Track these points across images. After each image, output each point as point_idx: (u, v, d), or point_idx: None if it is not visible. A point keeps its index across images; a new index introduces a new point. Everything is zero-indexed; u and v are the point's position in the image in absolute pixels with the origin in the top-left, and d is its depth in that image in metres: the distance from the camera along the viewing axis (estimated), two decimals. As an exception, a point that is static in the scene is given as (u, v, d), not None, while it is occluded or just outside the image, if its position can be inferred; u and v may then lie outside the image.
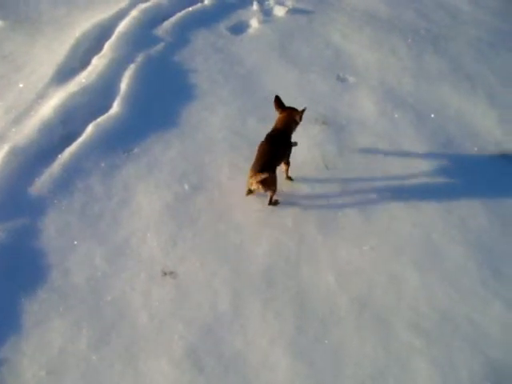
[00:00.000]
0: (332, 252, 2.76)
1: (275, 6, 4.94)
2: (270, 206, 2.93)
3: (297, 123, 2.87)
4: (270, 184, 2.73)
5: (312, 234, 2.83)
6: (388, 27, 4.69)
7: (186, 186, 3.04)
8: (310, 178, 3.12)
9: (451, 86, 3.94)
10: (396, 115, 3.61)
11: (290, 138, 2.88)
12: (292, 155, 3.06)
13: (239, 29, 4.59)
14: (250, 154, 3.18)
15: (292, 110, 2.87)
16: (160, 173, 3.09)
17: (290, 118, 2.85)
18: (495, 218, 2.96)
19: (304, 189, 3.06)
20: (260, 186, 2.70)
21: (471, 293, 2.59)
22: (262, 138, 3.02)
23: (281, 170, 2.93)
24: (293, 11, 4.84)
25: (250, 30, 4.59)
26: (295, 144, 2.96)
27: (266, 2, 5.04)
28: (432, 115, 3.63)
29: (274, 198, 2.86)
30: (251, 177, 2.68)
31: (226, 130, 3.42)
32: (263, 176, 2.62)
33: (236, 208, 2.93)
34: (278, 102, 2.89)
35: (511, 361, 2.34)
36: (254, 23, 4.65)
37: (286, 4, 4.99)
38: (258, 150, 2.74)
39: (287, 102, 3.15)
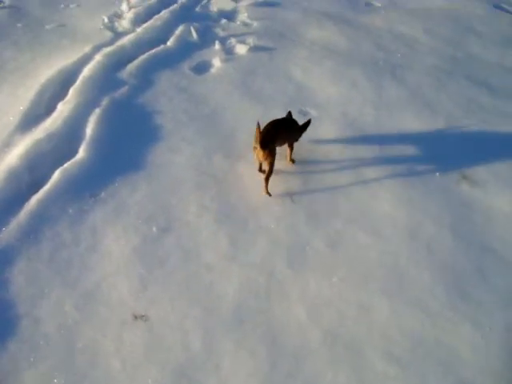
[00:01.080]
0: (302, 286, 2.93)
1: (237, 45, 5.30)
2: (240, 244, 3.11)
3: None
4: (270, 157, 3.18)
5: (281, 269, 3.01)
6: (348, 60, 5.08)
7: (154, 228, 3.21)
8: (276, 212, 3.33)
9: (411, 114, 4.28)
10: (359, 146, 3.88)
11: (298, 129, 3.45)
12: (257, 186, 3.37)
13: (202, 68, 4.89)
14: (216, 192, 3.40)
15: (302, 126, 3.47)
16: (127, 216, 3.25)
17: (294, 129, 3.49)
18: (460, 240, 3.21)
19: (271, 223, 3.26)
20: (262, 155, 3.14)
21: (440, 316, 2.78)
22: (229, 174, 3.44)
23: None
24: (254, 49, 5.21)
25: (213, 70, 4.90)
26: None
27: (228, 41, 5.40)
28: (394, 143, 3.92)
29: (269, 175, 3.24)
30: (255, 145, 3.15)
31: (192, 170, 3.64)
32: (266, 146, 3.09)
33: (205, 247, 3.11)
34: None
35: (481, 380, 2.52)
36: (217, 62, 4.97)
37: (248, 42, 5.35)
38: (268, 124, 3.24)
39: (250, 139, 3.50)
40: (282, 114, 3.97)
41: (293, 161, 3.57)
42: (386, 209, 3.40)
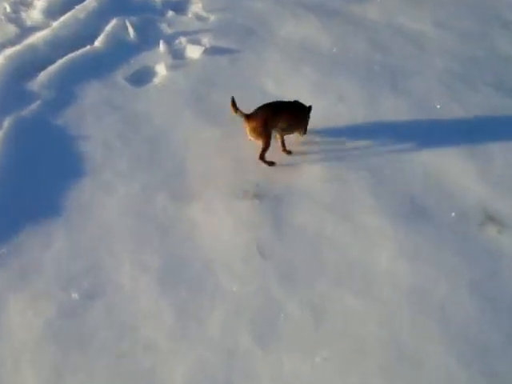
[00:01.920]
0: (273, 368, 3.03)
1: (188, 46, 5.55)
2: (190, 313, 3.23)
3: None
4: (258, 135, 3.95)
5: (246, 346, 3.13)
6: (333, 64, 5.38)
7: (75, 295, 3.30)
8: (240, 271, 3.47)
9: (416, 135, 4.53)
10: (348, 179, 4.11)
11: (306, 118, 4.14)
12: (215, 236, 3.57)
13: (142, 78, 5.12)
14: (160, 245, 3.56)
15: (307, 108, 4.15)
16: (38, 279, 3.34)
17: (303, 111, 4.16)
18: (485, 303, 3.18)
19: (233, 284, 3.40)
20: (251, 132, 3.95)
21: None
22: (177, 220, 3.69)
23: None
24: (211, 51, 5.47)
25: (157, 79, 5.13)
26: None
27: (176, 41, 5.65)
28: (393, 173, 4.15)
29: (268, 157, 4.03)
30: (244, 121, 3.93)
31: (128, 214, 3.79)
32: (254, 123, 3.88)
33: (144, 319, 3.21)
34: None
35: None
36: (162, 69, 5.20)
37: (203, 42, 5.61)
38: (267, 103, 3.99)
39: (206, 172, 3.91)
40: (247, 143, 4.18)
41: (289, 152, 4.23)
42: (383, 262, 3.50)
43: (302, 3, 6.47)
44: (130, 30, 5.62)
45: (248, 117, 3.94)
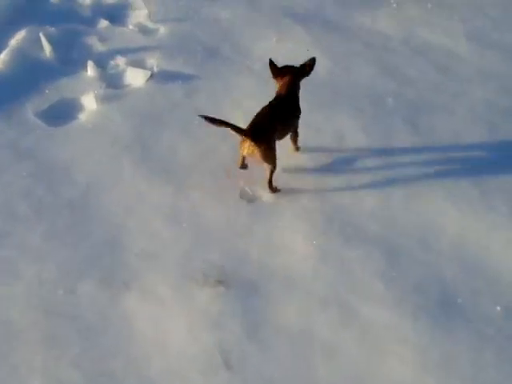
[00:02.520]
0: None
1: (128, 69, 5.74)
2: None
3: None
4: (266, 150, 4.35)
5: None
6: (329, 96, 5.64)
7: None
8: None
9: (443, 195, 4.70)
10: (349, 256, 4.23)
11: (298, 102, 4.64)
12: (161, 340, 3.63)
13: (62, 114, 5.27)
14: (80, 355, 3.59)
15: (293, 68, 4.65)
16: None
17: (295, 79, 4.66)
18: None
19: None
20: (255, 149, 4.29)
21: None
22: (107, 316, 3.71)
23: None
24: (160, 77, 5.70)
25: (83, 116, 5.28)
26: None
27: (112, 62, 5.84)
28: (412, 251, 4.28)
29: (275, 184, 4.54)
30: (245, 135, 4.23)
31: (38, 310, 3.82)
32: (260, 135, 4.26)
33: None
34: (274, 67, 4.66)
35: None
36: (90, 102, 5.34)
37: (148, 65, 5.84)
38: (258, 112, 4.40)
39: (151, 248, 3.99)
40: (210, 200, 4.40)
41: (298, 148, 4.91)
42: (400, 380, 3.67)
43: (288, 11, 6.83)
44: (46, 46, 5.76)
45: (253, 134, 4.29)
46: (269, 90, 4.99)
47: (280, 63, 4.71)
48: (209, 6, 6.85)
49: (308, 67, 4.68)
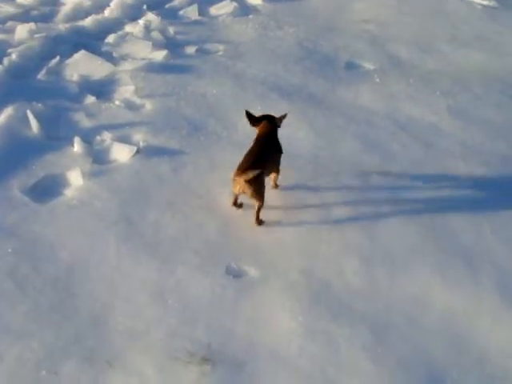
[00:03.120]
0: None
1: (114, 145, 5.82)
2: None
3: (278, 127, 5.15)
4: (257, 188, 4.79)
5: None
6: (313, 168, 5.72)
7: None
8: None
9: (431, 273, 4.74)
10: (338, 334, 4.23)
11: (278, 139, 5.14)
12: None
13: (48, 190, 5.29)
14: None
15: (269, 117, 5.16)
16: None
17: (271, 121, 5.16)
18: None
19: None
20: (247, 187, 4.72)
21: None
22: None
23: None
24: (146, 153, 5.78)
25: (69, 192, 5.30)
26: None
27: (98, 138, 5.92)
28: (401, 329, 4.28)
29: (261, 215, 4.91)
30: (237, 175, 4.67)
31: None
32: (251, 174, 4.66)
33: None
34: (250, 116, 5.11)
35: None
36: (76, 178, 5.37)
37: (134, 140, 5.93)
38: (247, 153, 4.88)
39: (136, 325, 4.00)
40: (195, 276, 4.43)
41: (277, 186, 5.38)
42: None
43: (274, 86, 7.06)
44: (33, 122, 5.84)
45: (245, 175, 4.72)
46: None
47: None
48: (195, 81, 7.04)
49: (280, 119, 5.22)
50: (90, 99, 6.39)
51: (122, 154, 5.61)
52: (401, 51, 8.33)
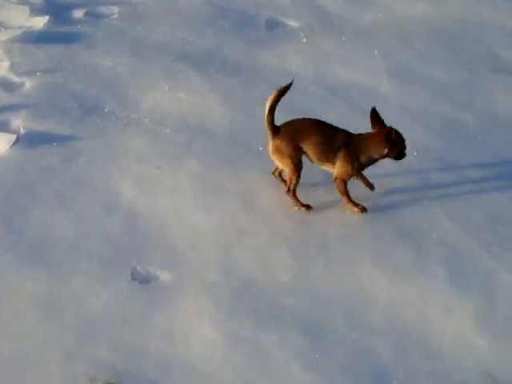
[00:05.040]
0: None
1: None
2: None
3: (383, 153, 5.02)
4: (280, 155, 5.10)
5: None
6: (231, 147, 5.78)
7: None
8: None
9: (372, 264, 4.81)
10: (261, 339, 4.23)
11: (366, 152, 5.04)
12: None
13: None
14: None
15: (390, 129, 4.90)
16: None
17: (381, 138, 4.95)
18: None
19: None
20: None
21: None
22: None
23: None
24: (28, 141, 5.72)
25: None
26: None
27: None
28: (340, 330, 4.33)
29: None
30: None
31: None
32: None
33: None
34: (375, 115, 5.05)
35: None
36: None
37: (13, 126, 5.88)
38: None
39: (25, 352, 3.98)
40: (96, 286, 4.36)
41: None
42: None
43: (181, 53, 7.08)
44: None
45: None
46: (162, 148, 5.06)
47: (174, 113, 4.76)
48: (86, 52, 6.95)
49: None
50: None
51: (-4, 142, 5.33)
52: (329, 4, 8.30)
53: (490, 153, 5.74)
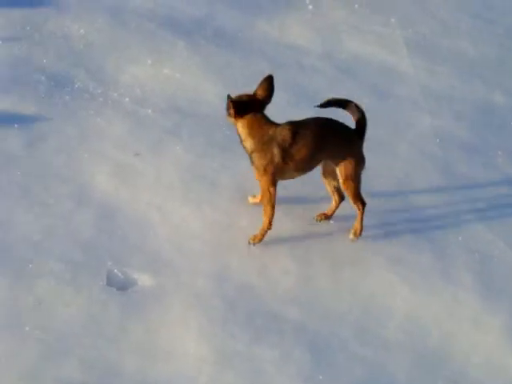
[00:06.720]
0: None
1: None
2: None
3: None
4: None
5: None
6: (224, 131, 5.70)
7: None
8: None
9: (388, 270, 4.82)
10: (259, 356, 4.24)
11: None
12: None
13: None
14: None
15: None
16: None
17: None
18: None
19: None
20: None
21: None
22: None
23: None
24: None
25: None
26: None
27: None
28: (350, 347, 4.34)
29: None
30: None
31: None
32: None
33: None
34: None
35: None
36: None
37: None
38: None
39: None
40: (65, 292, 4.33)
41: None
42: None
43: (166, 20, 7.05)
44: None
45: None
46: (144, 133, 5.04)
47: (158, 92, 4.70)
48: (55, 18, 6.87)
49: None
50: None
51: None
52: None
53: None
